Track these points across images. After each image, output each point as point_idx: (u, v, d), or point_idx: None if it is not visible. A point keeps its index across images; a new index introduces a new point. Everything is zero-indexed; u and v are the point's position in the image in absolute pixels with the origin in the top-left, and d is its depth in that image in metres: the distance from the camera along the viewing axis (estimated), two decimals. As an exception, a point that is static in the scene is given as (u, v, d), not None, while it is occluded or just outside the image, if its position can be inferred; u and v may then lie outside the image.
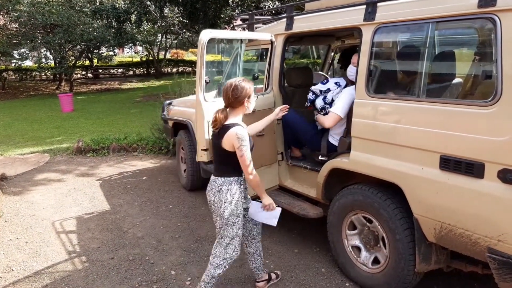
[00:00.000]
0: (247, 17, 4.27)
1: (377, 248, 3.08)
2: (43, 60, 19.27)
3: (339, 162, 3.16)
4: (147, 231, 4.33)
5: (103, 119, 11.76)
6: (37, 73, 23.54)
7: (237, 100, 2.67)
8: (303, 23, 3.54)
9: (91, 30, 18.01)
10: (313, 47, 7.35)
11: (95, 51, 21.83)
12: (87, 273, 3.55)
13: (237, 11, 16.57)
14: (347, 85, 3.52)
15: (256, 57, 5.77)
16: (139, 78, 26.14)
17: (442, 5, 2.42)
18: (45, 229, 4.45)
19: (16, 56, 19.52)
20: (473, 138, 2.27)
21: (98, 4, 18.41)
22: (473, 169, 2.28)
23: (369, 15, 2.85)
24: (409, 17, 2.61)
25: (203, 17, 13.60)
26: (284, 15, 3.71)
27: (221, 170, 2.73)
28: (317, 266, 3.52)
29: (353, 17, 3.01)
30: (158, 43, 26.80)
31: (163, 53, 28.46)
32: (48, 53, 19.42)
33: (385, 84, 2.96)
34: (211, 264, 2.82)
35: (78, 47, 19.91)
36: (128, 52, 35.75)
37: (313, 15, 3.44)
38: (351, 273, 3.25)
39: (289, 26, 3.62)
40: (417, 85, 2.64)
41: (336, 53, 5.69)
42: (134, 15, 13.99)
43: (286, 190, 3.98)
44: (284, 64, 4.02)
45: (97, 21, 17.06)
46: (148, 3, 14.14)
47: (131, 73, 28.28)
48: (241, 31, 5.04)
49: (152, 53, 26.60)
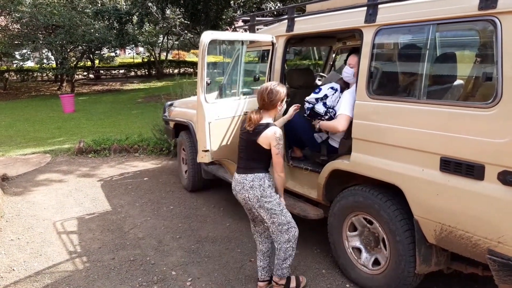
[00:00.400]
0: (248, 18, 4.28)
1: (377, 249, 3.08)
2: (45, 61, 19.30)
3: (340, 164, 3.16)
4: (148, 231, 4.34)
5: (104, 120, 11.78)
6: (38, 74, 23.57)
7: (272, 103, 2.88)
8: (304, 25, 3.54)
9: (92, 31, 18.03)
10: (315, 48, 7.37)
11: (96, 52, 21.84)
12: (88, 273, 3.55)
13: (238, 12, 16.60)
14: (343, 88, 3.51)
15: (257, 58, 5.78)
16: (140, 79, 26.16)
17: (443, 7, 2.42)
18: (46, 229, 4.46)
19: (17, 56, 19.53)
20: (473, 140, 2.27)
21: (100, 5, 18.45)
22: (473, 170, 2.28)
23: (370, 17, 2.86)
24: (410, 19, 2.62)
25: (204, 18, 13.62)
26: (285, 16, 3.72)
27: (250, 167, 2.90)
28: (317, 267, 3.53)
29: (354, 18, 3.01)
30: (160, 44, 26.84)
31: (165, 54, 28.49)
32: (49, 54, 19.45)
33: (385, 85, 2.97)
34: (281, 250, 2.97)
35: (80, 48, 19.92)
36: (129, 53, 35.82)
37: (314, 17, 3.45)
38: (351, 275, 3.25)
39: (290, 27, 3.62)
40: (417, 86, 2.64)
41: (337, 55, 5.70)
42: (135, 16, 14.02)
43: (286, 191, 3.97)
44: (286, 65, 4.02)
45: (99, 22, 17.09)
46: (150, 4, 14.18)
47: (132, 74, 28.29)
48: (242, 32, 5.05)
49: (153, 54, 26.63)
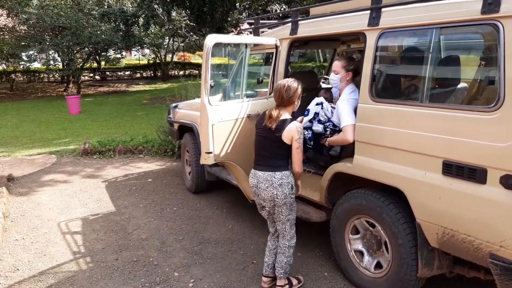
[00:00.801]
0: (253, 21, 4.30)
1: (379, 252, 3.08)
2: (51, 62, 19.43)
3: (342, 167, 3.17)
4: (151, 232, 4.36)
5: (109, 121, 11.84)
6: (45, 75, 23.76)
7: (290, 100, 2.94)
8: (308, 28, 3.56)
9: (99, 32, 18.14)
10: (320, 51, 7.37)
11: (102, 53, 21.98)
12: (91, 273, 3.58)
13: (244, 14, 16.64)
14: (327, 99, 3.60)
15: (262, 61, 5.80)
16: (146, 81, 26.27)
17: (445, 11, 2.43)
18: (50, 229, 4.49)
19: (24, 58, 19.70)
20: (475, 143, 2.27)
21: (106, 7, 18.55)
22: (475, 174, 2.28)
23: (373, 20, 2.86)
24: (413, 23, 2.63)
25: (210, 20, 13.66)
26: (289, 19, 3.73)
27: (276, 166, 2.95)
28: (319, 270, 3.53)
29: (357, 22, 3.02)
30: (166, 46, 26.94)
31: (170, 56, 28.60)
32: (56, 55, 19.58)
33: (388, 88, 2.97)
34: (289, 248, 3.10)
35: (86, 49, 20.05)
36: (135, 55, 35.95)
37: (318, 20, 3.46)
38: (353, 278, 3.25)
39: (294, 30, 3.64)
40: (420, 90, 2.65)
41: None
42: (141, 18, 14.08)
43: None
44: (289, 68, 4.03)
45: (105, 24, 17.18)
46: (156, 6, 14.24)
47: (138, 75, 28.41)
48: (247, 34, 5.07)
49: (159, 55, 26.73)
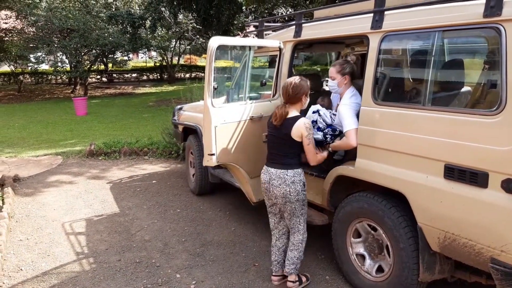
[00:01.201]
0: (257, 23, 4.32)
1: (381, 256, 3.07)
2: (59, 64, 19.59)
3: (344, 170, 3.16)
4: (154, 234, 4.38)
5: (115, 123, 11.90)
6: (52, 76, 23.94)
7: (297, 97, 2.97)
8: (311, 31, 3.56)
9: (106, 35, 18.27)
10: (328, 53, 7.36)
11: (110, 55, 22.12)
12: (94, 274, 3.60)
13: (250, 17, 16.69)
14: (323, 105, 3.63)
15: (268, 63, 5.82)
16: (152, 83, 26.39)
17: (448, 14, 2.43)
18: (55, 230, 4.52)
19: (32, 59, 19.87)
20: (477, 147, 2.26)
21: (114, 9, 18.70)
22: (477, 178, 2.28)
23: (376, 23, 2.87)
24: (415, 26, 2.63)
25: (216, 23, 13.73)
26: (293, 22, 3.74)
27: (289, 163, 3.00)
28: (321, 273, 3.52)
29: (360, 25, 3.03)
30: (172, 49, 27.07)
31: (177, 58, 28.75)
32: (64, 57, 19.73)
33: (391, 91, 2.97)
34: (301, 243, 3.18)
35: (94, 51, 20.18)
36: (142, 57, 36.16)
37: (321, 23, 3.47)
38: (355, 281, 3.24)
39: (297, 33, 3.65)
40: (422, 93, 2.64)
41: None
42: (148, 21, 14.18)
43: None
44: (293, 70, 4.04)
45: (113, 26, 17.32)
46: (163, 9, 14.34)
47: (145, 78, 28.56)
48: (253, 37, 5.09)
49: (165, 58, 26.86)
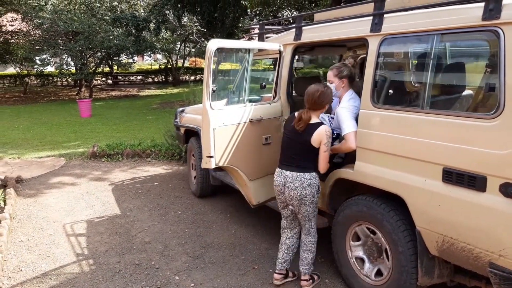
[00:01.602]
0: (258, 26, 4.32)
1: (380, 260, 3.05)
2: (64, 66, 19.71)
3: (344, 173, 3.15)
4: (154, 236, 4.38)
5: (119, 125, 11.95)
6: (58, 78, 24.09)
7: (322, 104, 3.02)
8: (311, 33, 3.56)
9: (111, 37, 18.39)
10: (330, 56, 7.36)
11: (115, 58, 22.25)
12: (93, 275, 3.60)
13: (255, 20, 16.73)
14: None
15: (272, 66, 5.82)
16: (157, 86, 26.50)
17: (447, 17, 2.42)
18: (55, 231, 4.53)
19: (38, 61, 20.01)
20: (475, 151, 2.25)
21: (119, 12, 18.80)
22: (475, 182, 2.26)
23: (376, 26, 2.86)
24: (415, 29, 2.61)
25: (220, 26, 13.77)
26: (293, 25, 3.74)
27: (305, 167, 3.05)
28: (321, 276, 3.50)
29: (360, 27, 3.01)
30: (177, 52, 27.17)
31: (182, 61, 28.85)
32: (69, 59, 19.86)
33: (389, 95, 2.95)
34: (312, 245, 3.24)
35: (99, 54, 20.32)
36: (147, 60, 36.32)
37: (321, 26, 3.46)
38: (354, 285, 3.22)
39: (298, 36, 3.64)
40: (421, 96, 2.63)
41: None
42: (153, 23, 14.25)
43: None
44: (295, 73, 4.04)
45: (117, 29, 17.41)
46: (167, 12, 14.40)
47: (150, 80, 28.70)
48: (255, 40, 5.09)
49: (170, 61, 26.95)
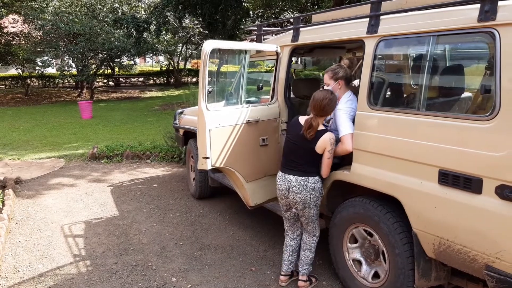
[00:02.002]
0: (256, 28, 4.32)
1: (377, 262, 3.04)
2: (66, 68, 19.75)
3: (340, 175, 3.14)
4: (152, 237, 4.37)
5: (120, 126, 11.96)
6: (60, 80, 24.13)
7: (330, 110, 3.03)
8: (308, 35, 3.55)
9: (112, 39, 18.41)
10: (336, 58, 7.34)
11: (116, 60, 22.27)
12: (90, 276, 3.59)
13: (257, 22, 16.75)
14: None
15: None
16: (159, 87, 26.52)
17: (443, 18, 2.41)
18: (53, 232, 4.53)
19: (39, 63, 20.05)
20: (471, 152, 2.23)
21: (120, 14, 18.84)
22: (471, 184, 2.25)
23: (372, 27, 2.85)
24: (411, 30, 2.60)
25: (222, 28, 13.77)
26: (291, 26, 3.73)
27: (309, 171, 3.07)
28: (318, 279, 3.49)
29: (356, 29, 3.01)
30: (179, 53, 27.20)
31: (183, 62, 28.86)
32: (70, 61, 19.90)
33: (386, 96, 2.94)
34: (313, 245, 3.28)
35: (100, 55, 20.35)
36: (148, 62, 36.41)
37: (318, 27, 3.46)
38: (351, 287, 3.20)
39: (295, 37, 3.63)
40: (417, 98, 2.62)
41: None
42: (153, 25, 14.26)
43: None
44: (294, 75, 4.03)
45: (118, 30, 17.44)
46: (168, 13, 14.41)
47: (151, 82, 28.73)
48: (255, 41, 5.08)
49: (172, 63, 26.99)
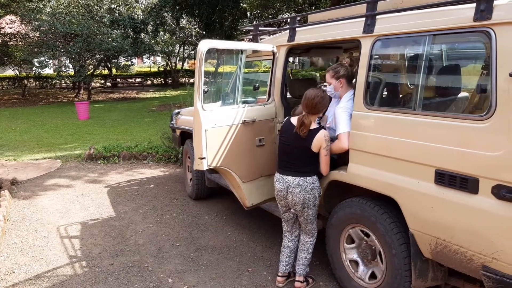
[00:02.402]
0: (252, 28, 4.31)
1: (374, 262, 3.03)
2: (63, 69, 19.70)
3: (337, 175, 3.13)
4: (149, 238, 4.35)
5: (117, 127, 11.92)
6: (57, 81, 24.06)
7: (322, 108, 3.04)
8: (305, 35, 3.54)
9: (109, 40, 18.37)
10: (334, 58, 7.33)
11: (113, 60, 22.23)
12: (85, 278, 3.57)
13: (255, 22, 16.75)
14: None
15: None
16: (156, 88, 26.50)
17: (438, 18, 2.40)
18: (49, 233, 4.51)
19: (36, 64, 19.98)
20: (467, 152, 2.23)
21: (117, 14, 18.81)
22: (467, 184, 2.24)
23: (368, 27, 2.84)
24: (407, 30, 2.60)
25: (219, 28, 13.76)
26: (287, 26, 3.73)
27: (307, 171, 3.06)
28: (315, 279, 3.48)
29: (352, 29, 3.00)
30: (176, 54, 27.17)
31: (181, 63, 28.87)
32: (68, 61, 19.85)
33: (382, 96, 2.94)
34: (310, 245, 3.27)
35: (97, 56, 20.31)
36: (146, 62, 36.36)
37: (315, 27, 3.45)
38: (348, 287, 3.20)
39: (291, 37, 3.62)
40: (413, 98, 2.61)
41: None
42: (150, 26, 14.24)
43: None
44: (291, 75, 4.02)
45: (116, 31, 17.41)
46: (165, 14, 14.40)
47: (149, 82, 28.70)
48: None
49: (170, 63, 26.96)
